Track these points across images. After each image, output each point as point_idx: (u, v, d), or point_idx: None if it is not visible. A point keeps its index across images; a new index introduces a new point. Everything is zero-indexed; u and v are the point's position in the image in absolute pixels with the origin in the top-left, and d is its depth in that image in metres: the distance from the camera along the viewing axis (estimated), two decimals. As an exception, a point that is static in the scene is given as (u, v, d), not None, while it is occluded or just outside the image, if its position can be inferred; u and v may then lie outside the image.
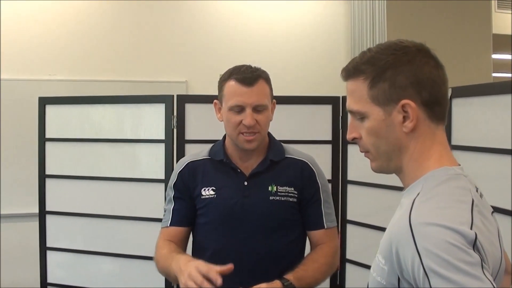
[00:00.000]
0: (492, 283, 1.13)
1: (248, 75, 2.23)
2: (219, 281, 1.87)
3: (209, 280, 1.88)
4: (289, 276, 2.11)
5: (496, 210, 1.49)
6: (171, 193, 2.42)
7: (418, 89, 1.34)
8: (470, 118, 2.88)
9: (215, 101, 2.36)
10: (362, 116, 1.42)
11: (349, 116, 1.49)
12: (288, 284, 2.07)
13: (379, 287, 1.34)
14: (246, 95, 2.20)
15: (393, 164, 1.44)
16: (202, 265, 1.95)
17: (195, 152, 2.48)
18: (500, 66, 7.81)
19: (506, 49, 7.47)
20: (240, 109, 2.21)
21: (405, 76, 1.34)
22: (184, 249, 2.41)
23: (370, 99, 1.38)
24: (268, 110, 2.28)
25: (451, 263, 1.13)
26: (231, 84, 2.24)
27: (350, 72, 1.42)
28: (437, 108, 1.38)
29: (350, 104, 1.44)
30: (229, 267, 1.93)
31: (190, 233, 2.44)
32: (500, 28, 6.77)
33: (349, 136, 1.49)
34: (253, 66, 2.30)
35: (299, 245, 2.39)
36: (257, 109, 2.22)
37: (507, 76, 8.39)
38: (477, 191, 1.39)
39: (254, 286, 1.99)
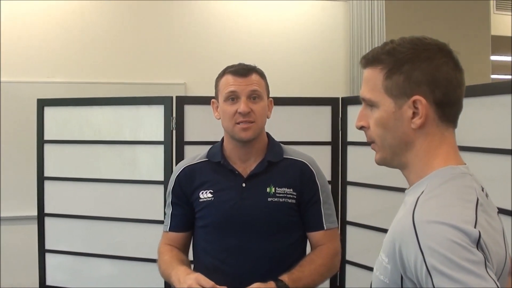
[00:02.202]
0: (495, 282, 1.12)
1: (242, 67, 2.27)
2: None
3: None
4: (284, 277, 2.10)
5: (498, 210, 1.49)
6: (169, 198, 2.42)
7: (432, 88, 1.33)
8: (469, 118, 2.87)
9: (212, 100, 2.36)
10: (372, 105, 1.42)
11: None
12: (282, 285, 2.06)
13: (383, 287, 1.34)
14: (240, 84, 2.23)
15: (397, 159, 1.43)
16: (198, 279, 1.99)
17: (193, 155, 2.47)
18: (499, 67, 7.81)
19: (504, 50, 7.47)
20: (234, 97, 2.22)
21: (421, 73, 1.33)
22: (186, 253, 2.42)
23: (383, 89, 1.38)
24: (263, 101, 2.27)
25: (454, 261, 1.12)
26: (226, 77, 2.27)
27: (369, 60, 1.42)
28: (449, 110, 1.38)
29: (363, 92, 1.44)
30: None
31: (191, 237, 2.44)
32: (498, 29, 6.78)
33: (357, 123, 1.48)
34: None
35: (299, 247, 2.37)
36: (251, 97, 2.23)
37: (506, 78, 8.39)
38: (482, 190, 1.39)
39: (250, 286, 1.99)
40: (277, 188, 2.28)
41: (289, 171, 2.33)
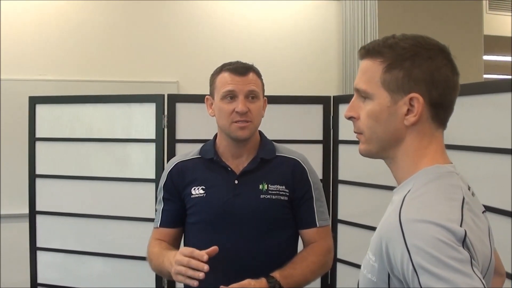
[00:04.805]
0: (481, 280, 1.13)
1: (241, 66, 2.28)
2: (205, 257, 1.94)
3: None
4: (276, 274, 2.11)
5: (487, 209, 1.49)
6: (161, 194, 2.42)
7: (430, 88, 1.34)
8: (461, 117, 2.87)
9: (206, 96, 2.37)
10: (366, 97, 1.41)
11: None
12: (273, 281, 2.07)
13: (370, 286, 1.34)
14: (238, 83, 2.23)
15: (384, 153, 1.44)
16: (185, 249, 2.03)
17: (185, 152, 2.47)
18: (491, 67, 7.83)
19: (497, 50, 7.49)
20: (232, 96, 2.23)
21: (421, 71, 1.34)
22: (176, 249, 2.40)
23: (381, 82, 1.37)
24: (260, 100, 2.29)
25: (440, 259, 1.13)
26: (224, 75, 2.27)
27: (370, 51, 1.41)
28: (442, 111, 1.38)
29: (359, 83, 1.43)
30: (213, 249, 1.99)
31: (181, 233, 2.43)
32: (491, 29, 6.80)
33: (347, 113, 1.47)
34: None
35: (291, 244, 2.38)
36: (249, 97, 2.24)
37: (498, 77, 8.42)
38: (469, 189, 1.39)
39: (241, 282, 1.99)
40: (269, 185, 2.29)
41: (281, 168, 2.34)
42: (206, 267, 1.92)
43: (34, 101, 4.20)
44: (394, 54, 1.36)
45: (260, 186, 2.28)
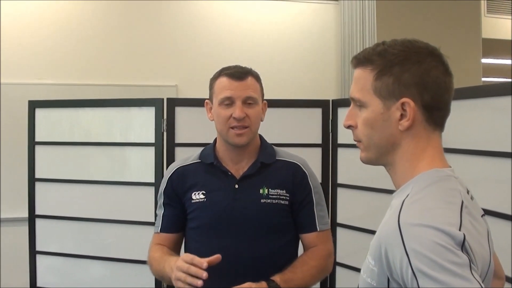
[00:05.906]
0: (480, 284, 1.13)
1: (239, 70, 2.26)
2: (204, 264, 1.92)
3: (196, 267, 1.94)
4: (276, 278, 2.10)
5: (487, 213, 1.50)
6: (161, 199, 2.42)
7: (421, 91, 1.34)
8: (460, 120, 2.88)
9: (206, 101, 2.36)
10: (361, 105, 1.42)
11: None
12: (273, 285, 2.07)
13: (369, 288, 1.35)
14: (236, 88, 2.22)
15: (383, 159, 1.44)
16: (187, 255, 2.01)
17: (185, 157, 2.46)
18: (490, 70, 7.84)
19: (495, 53, 7.51)
20: (230, 102, 2.22)
21: (411, 75, 1.34)
22: (177, 254, 2.40)
23: (372, 90, 1.38)
24: (258, 105, 2.28)
25: (439, 263, 1.13)
26: (222, 79, 2.26)
27: (360, 60, 1.42)
28: (436, 113, 1.38)
29: (353, 91, 1.45)
30: (216, 257, 1.96)
31: (182, 238, 2.43)
32: (489, 32, 6.80)
33: (345, 122, 1.48)
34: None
35: (291, 248, 2.37)
36: (247, 102, 2.23)
37: (496, 80, 8.44)
38: (467, 193, 1.39)
39: (241, 285, 1.99)
40: (270, 189, 2.28)
41: (281, 173, 2.34)
42: (205, 274, 1.90)
43: (33, 105, 4.20)
44: (384, 61, 1.37)
45: (261, 191, 2.28)
